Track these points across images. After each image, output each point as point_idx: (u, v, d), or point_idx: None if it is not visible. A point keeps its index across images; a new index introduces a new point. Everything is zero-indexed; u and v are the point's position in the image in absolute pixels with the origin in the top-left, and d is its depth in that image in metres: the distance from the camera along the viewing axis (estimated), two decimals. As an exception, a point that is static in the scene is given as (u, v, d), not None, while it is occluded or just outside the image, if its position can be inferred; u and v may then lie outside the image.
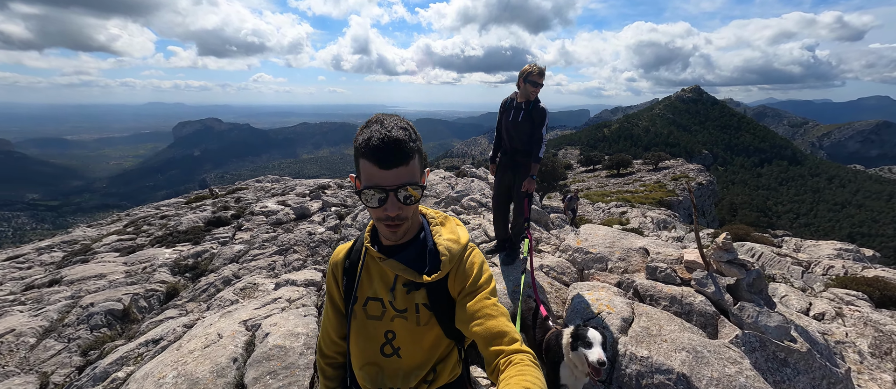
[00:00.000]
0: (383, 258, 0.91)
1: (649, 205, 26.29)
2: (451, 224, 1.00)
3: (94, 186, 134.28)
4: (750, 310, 1.97)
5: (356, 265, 0.97)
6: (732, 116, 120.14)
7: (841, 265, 8.11)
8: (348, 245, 1.05)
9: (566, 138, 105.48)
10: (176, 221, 9.81)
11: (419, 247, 0.92)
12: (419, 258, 0.91)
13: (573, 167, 52.13)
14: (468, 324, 0.86)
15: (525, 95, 2.49)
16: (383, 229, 0.87)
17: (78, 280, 5.97)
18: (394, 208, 0.80)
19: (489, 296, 0.89)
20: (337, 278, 1.03)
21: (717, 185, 68.51)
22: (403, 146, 0.77)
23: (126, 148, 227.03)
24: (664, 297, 2.24)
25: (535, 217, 5.73)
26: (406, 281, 0.91)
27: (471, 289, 0.90)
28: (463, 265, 0.92)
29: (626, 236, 3.21)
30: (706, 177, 38.06)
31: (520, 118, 2.52)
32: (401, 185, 0.78)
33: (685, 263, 2.37)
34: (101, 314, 4.64)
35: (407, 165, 0.78)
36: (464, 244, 0.95)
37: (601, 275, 2.79)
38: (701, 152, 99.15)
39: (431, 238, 0.94)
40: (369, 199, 0.79)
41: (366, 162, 0.77)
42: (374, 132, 0.76)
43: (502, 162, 2.76)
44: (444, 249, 0.91)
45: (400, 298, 0.92)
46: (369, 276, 0.96)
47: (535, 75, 2.40)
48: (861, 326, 4.88)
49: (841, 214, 79.74)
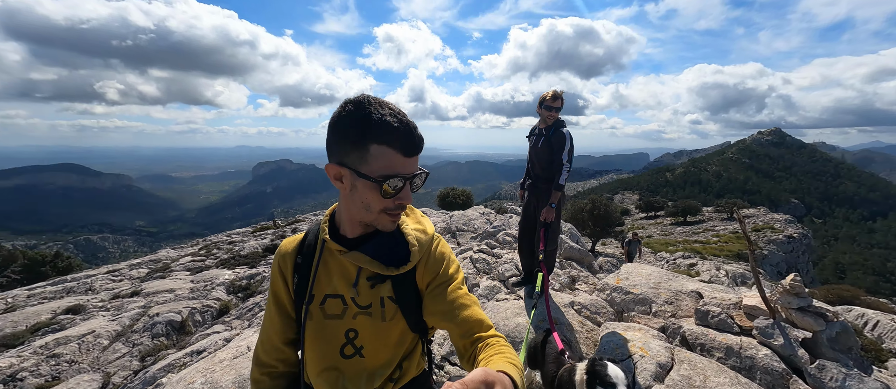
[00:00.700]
0: (345, 252, 0.84)
1: (725, 258, 23.07)
2: (416, 215, 0.95)
3: (185, 216, 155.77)
4: (833, 371, 1.55)
5: (310, 260, 0.88)
6: (827, 162, 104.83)
7: None
8: (297, 239, 0.93)
9: (623, 182, 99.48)
10: (240, 246, 10.86)
11: (384, 238, 0.86)
12: (384, 250, 0.85)
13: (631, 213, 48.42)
14: (442, 315, 0.82)
15: (544, 120, 2.47)
16: (385, 221, 0.80)
17: (152, 293, 6.76)
18: (409, 196, 0.77)
19: (461, 286, 0.87)
20: (286, 275, 0.91)
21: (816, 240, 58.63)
22: (419, 133, 0.74)
23: (214, 184, 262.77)
24: (718, 347, 1.87)
25: (577, 256, 5.34)
26: (371, 275, 0.85)
27: (442, 280, 0.86)
28: (432, 256, 0.88)
29: (676, 277, 2.82)
30: (797, 229, 32.70)
31: (540, 144, 2.47)
32: (418, 172, 0.77)
33: (744, 308, 1.99)
34: (163, 323, 5.15)
35: (420, 152, 0.76)
36: (431, 235, 0.91)
37: (643, 318, 2.45)
38: (789, 201, 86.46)
39: (399, 229, 0.88)
40: (390, 188, 0.73)
41: (388, 150, 0.71)
42: (390, 118, 0.70)
43: (528, 191, 2.69)
44: (412, 239, 0.87)
45: (364, 293, 0.85)
46: (328, 272, 0.87)
47: (548, 100, 2.37)
48: None
49: None
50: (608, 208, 25.04)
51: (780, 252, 26.66)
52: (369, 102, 0.71)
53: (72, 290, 7.78)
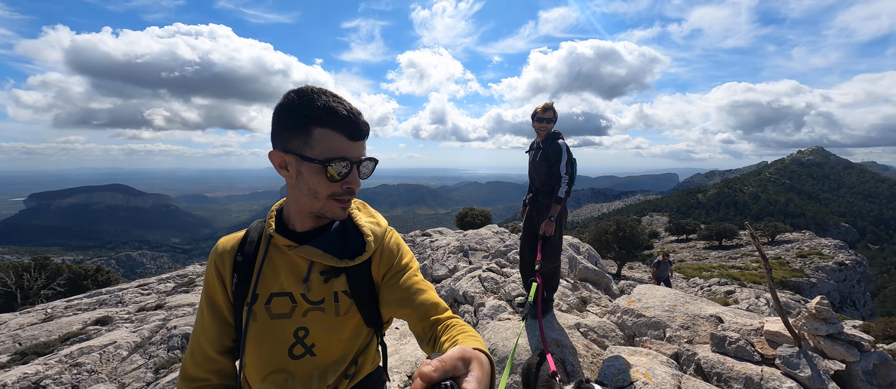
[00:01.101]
0: (294, 247, 0.81)
1: (766, 286, 21.32)
2: (368, 209, 0.95)
3: (217, 234, 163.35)
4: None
5: (252, 258, 0.84)
6: (880, 183, 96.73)
7: None
8: (237, 236, 0.88)
9: (651, 204, 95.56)
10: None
11: (337, 231, 0.85)
12: (337, 243, 0.83)
13: (660, 235, 46.14)
14: (400, 303, 0.82)
15: (539, 134, 2.44)
16: (334, 208, 0.78)
17: (174, 306, 7.01)
18: (357, 181, 0.77)
19: (416, 273, 0.87)
20: (224, 276, 0.84)
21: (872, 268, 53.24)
22: (365, 119, 0.76)
23: (245, 203, 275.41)
24: (736, 377, 1.68)
25: (593, 277, 5.09)
26: (324, 269, 0.82)
27: (397, 269, 0.86)
28: (387, 247, 0.88)
29: (694, 300, 2.61)
30: (850, 256, 29.86)
31: (538, 158, 2.43)
32: (364, 156, 0.78)
33: (766, 334, 1.78)
34: (180, 336, 5.29)
35: (366, 138, 0.78)
36: (385, 227, 0.91)
37: (655, 343, 2.26)
38: (838, 224, 79.65)
39: (352, 221, 0.88)
40: (335, 171, 0.73)
41: (330, 132, 0.72)
42: (334, 104, 0.72)
43: (528, 205, 2.62)
44: (367, 230, 0.86)
45: (316, 288, 0.82)
46: (274, 269, 0.83)
47: (539, 112, 2.35)
48: None
49: None
50: (634, 229, 24.00)
51: (831, 281, 24.29)
52: (312, 90, 0.73)
53: (104, 302, 8.21)
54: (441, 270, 5.83)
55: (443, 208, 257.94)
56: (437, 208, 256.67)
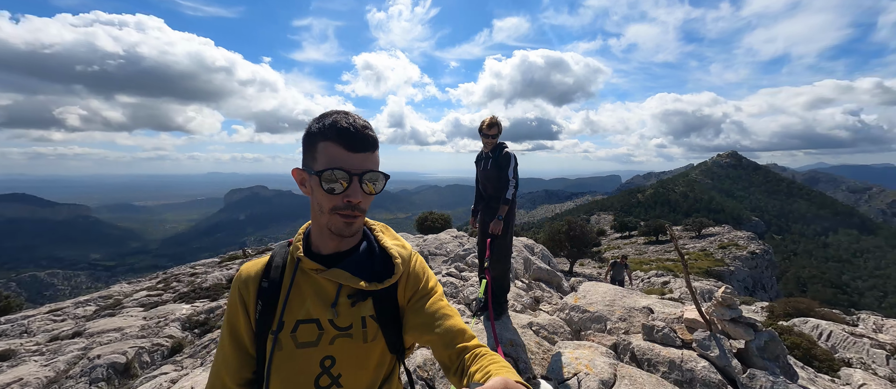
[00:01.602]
0: (322, 270, 0.79)
1: (695, 275, 23.91)
2: (391, 232, 0.94)
3: (148, 247, 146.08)
4: (762, 380, 1.62)
5: (278, 284, 0.81)
6: (780, 182, 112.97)
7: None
8: (262, 262, 0.86)
9: (598, 204, 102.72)
10: (202, 278, 10.25)
11: (363, 254, 0.83)
12: (363, 266, 0.82)
13: (607, 233, 49.71)
14: (425, 328, 0.80)
15: (485, 146, 2.61)
16: (337, 222, 0.76)
17: (97, 333, 6.19)
18: (357, 194, 0.74)
19: (441, 298, 0.86)
20: (248, 303, 0.82)
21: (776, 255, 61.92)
22: (370, 133, 0.75)
23: (182, 213, 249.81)
24: (662, 361, 1.92)
25: (545, 277, 5.39)
26: (352, 292, 0.80)
27: (423, 293, 0.85)
28: (413, 270, 0.87)
29: (630, 294, 2.90)
30: (760, 246, 34.50)
31: (489, 167, 2.58)
32: (366, 171, 0.74)
33: (685, 322, 2.06)
34: (104, 366, 4.69)
35: (373, 152, 0.76)
36: (410, 251, 0.90)
37: (598, 336, 2.48)
38: (750, 218, 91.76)
39: (378, 243, 0.87)
40: (330, 182, 0.72)
41: (330, 144, 0.72)
42: (339, 118, 0.73)
43: (481, 210, 2.74)
44: (395, 253, 0.85)
45: (344, 313, 0.80)
46: (300, 295, 0.81)
47: (484, 129, 2.55)
48: (973, 429, 3.80)
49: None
50: (584, 229, 25.66)
51: (745, 268, 27.93)
52: (329, 112, 0.76)
53: (4, 333, 7.01)
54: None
55: (403, 213, 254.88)
56: (398, 213, 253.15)
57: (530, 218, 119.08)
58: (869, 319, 9.50)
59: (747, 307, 11.61)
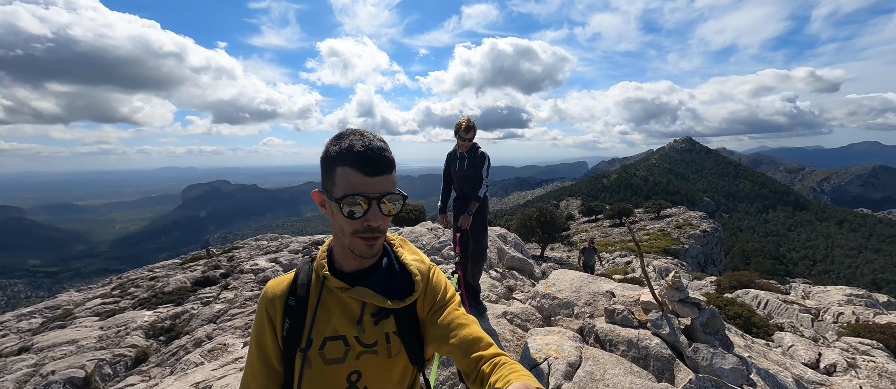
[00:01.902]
0: (347, 288, 0.81)
1: (654, 253, 25.70)
2: (409, 246, 0.95)
3: (96, 250, 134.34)
4: (704, 352, 1.87)
5: (304, 302, 0.83)
6: (728, 164, 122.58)
7: (851, 312, 7.67)
8: (286, 279, 0.88)
9: (566, 190, 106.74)
10: (164, 282, 9.69)
11: (385, 271, 0.85)
12: (386, 283, 0.84)
13: (575, 218, 51.96)
14: (443, 339, 0.81)
15: (462, 147, 2.69)
16: (359, 245, 0.78)
17: (48, 347, 5.75)
18: (377, 217, 0.75)
19: (457, 308, 0.86)
20: (275, 321, 0.84)
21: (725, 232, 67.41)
22: (387, 154, 0.75)
23: (134, 212, 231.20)
24: (622, 341, 2.14)
25: (518, 265, 5.63)
26: (375, 310, 0.83)
27: (441, 304, 0.86)
28: (431, 284, 0.89)
29: (595, 280, 3.14)
30: (710, 224, 37.55)
31: (465, 166, 2.67)
32: (385, 194, 0.75)
33: (642, 304, 2.30)
34: (61, 382, 4.40)
35: (390, 174, 0.76)
36: (428, 264, 0.92)
37: (566, 321, 2.68)
38: (702, 199, 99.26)
39: (398, 260, 0.88)
40: (350, 208, 0.73)
41: (348, 169, 0.73)
42: (355, 141, 0.73)
43: (456, 207, 2.83)
44: (414, 269, 0.87)
45: (368, 330, 0.82)
46: (327, 312, 0.83)
47: (461, 131, 2.63)
48: (876, 378, 4.49)
49: (859, 259, 77.03)
50: (553, 214, 26.69)
51: (698, 245, 30.42)
52: (344, 132, 0.77)
53: (-69, 355, 6.31)
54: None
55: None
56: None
57: (503, 205, 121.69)
58: (798, 287, 10.76)
59: (699, 283, 12.72)
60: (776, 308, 8.30)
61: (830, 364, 5.00)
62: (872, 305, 8.62)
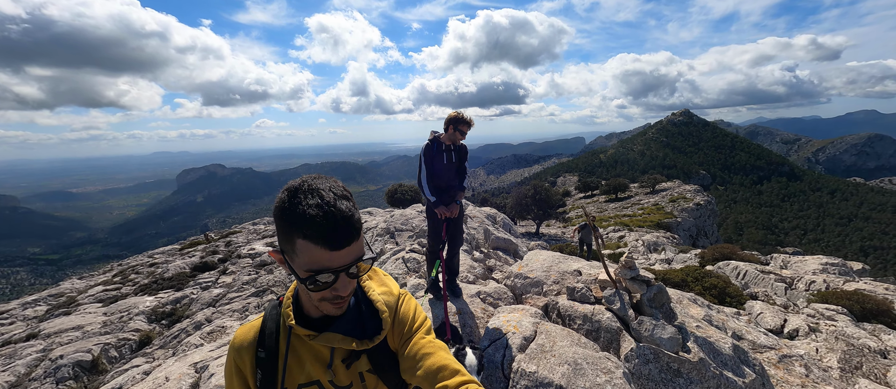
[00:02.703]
0: (314, 336, 0.79)
1: (647, 228, 26.22)
2: (378, 276, 0.93)
3: (95, 237, 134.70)
4: (647, 324, 2.07)
5: (274, 352, 0.81)
6: (725, 137, 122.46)
7: (822, 280, 8.05)
8: (254, 328, 0.85)
9: (564, 166, 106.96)
10: (163, 268, 9.93)
11: (353, 311, 0.84)
12: (354, 324, 0.83)
13: (571, 194, 52.41)
14: (411, 371, 0.80)
15: (452, 139, 2.76)
16: (328, 307, 0.76)
17: (54, 333, 6.01)
18: (346, 286, 0.72)
19: (424, 336, 0.84)
20: (246, 373, 0.82)
21: (719, 205, 68.34)
22: (352, 221, 0.68)
23: (130, 198, 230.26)
24: (579, 316, 2.34)
25: (503, 246, 5.85)
26: (345, 354, 0.82)
27: (408, 336, 0.84)
28: (399, 317, 0.87)
29: (565, 259, 3.34)
30: (704, 197, 38.07)
31: (454, 159, 2.78)
32: (352, 262, 0.70)
33: (599, 282, 2.49)
34: (69, 366, 4.66)
35: (358, 239, 0.70)
36: (397, 295, 0.90)
37: (534, 298, 2.89)
38: (698, 172, 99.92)
39: (365, 297, 0.86)
40: (318, 282, 0.69)
41: (310, 245, 0.66)
42: (313, 207, 0.65)
43: (443, 200, 2.92)
44: (381, 305, 0.85)
45: (340, 373, 0.82)
46: (298, 360, 0.81)
47: (464, 126, 2.70)
48: (833, 341, 4.83)
49: (849, 228, 78.73)
50: (549, 192, 26.91)
51: (691, 218, 31.00)
52: (299, 191, 0.68)
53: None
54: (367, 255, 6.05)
55: (373, 184, 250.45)
56: (368, 185, 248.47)
57: (500, 183, 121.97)
58: (778, 258, 11.16)
59: (684, 256, 13.12)
60: (753, 278, 8.68)
61: (794, 328, 5.35)
62: (845, 273, 9.02)
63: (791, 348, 4.39)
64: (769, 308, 6.00)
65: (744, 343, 3.39)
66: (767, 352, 3.39)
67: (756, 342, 3.48)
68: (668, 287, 6.80)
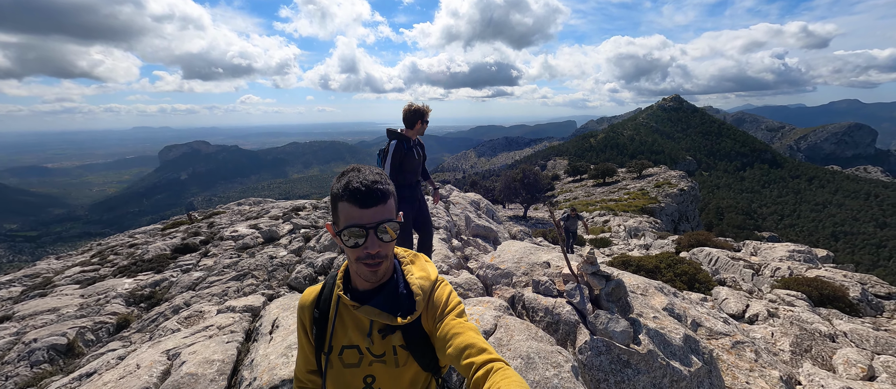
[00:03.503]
0: (357, 306, 0.93)
1: (632, 213, 26.86)
2: (420, 262, 1.04)
3: (75, 213, 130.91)
4: (603, 317, 2.16)
5: (326, 314, 0.99)
6: (713, 123, 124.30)
7: (787, 267, 8.45)
8: (316, 290, 1.05)
9: (554, 149, 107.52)
10: (143, 249, 9.77)
11: (392, 289, 0.95)
12: (393, 301, 0.94)
13: (561, 178, 52.98)
14: (443, 350, 0.88)
15: (419, 132, 2.77)
16: (363, 270, 0.89)
17: (29, 316, 5.93)
18: (375, 245, 0.85)
19: (455, 317, 0.92)
20: (306, 326, 1.03)
21: (703, 190, 69.73)
22: (379, 186, 0.85)
23: (110, 174, 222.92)
24: (541, 308, 2.43)
25: (483, 233, 5.93)
26: (382, 326, 0.94)
27: (440, 317, 0.93)
28: (432, 300, 0.97)
29: (536, 250, 3.42)
30: (688, 183, 38.99)
31: (422, 153, 2.81)
32: (380, 222, 0.85)
33: (563, 276, 2.57)
34: (44, 349, 4.63)
35: (384, 204, 0.85)
36: (433, 280, 1.00)
37: (502, 290, 2.97)
38: (685, 158, 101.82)
39: (403, 279, 0.98)
40: (349, 238, 0.85)
41: (345, 204, 0.84)
42: (352, 178, 0.85)
43: (416, 192, 2.95)
44: (417, 288, 0.95)
45: (377, 343, 0.95)
46: (343, 324, 0.97)
47: (428, 116, 2.70)
48: (788, 325, 5.13)
49: (823, 213, 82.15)
50: (537, 176, 27.11)
51: (674, 204, 31.84)
52: (346, 170, 0.89)
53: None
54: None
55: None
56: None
57: (491, 165, 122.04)
58: (750, 245, 11.62)
59: (662, 242, 13.55)
60: (724, 265, 9.06)
61: (754, 313, 5.65)
62: (809, 260, 9.47)
63: (747, 333, 4.64)
64: (734, 294, 6.30)
65: (702, 330, 3.57)
66: (722, 339, 3.59)
67: (714, 329, 3.68)
68: (641, 274, 7.03)
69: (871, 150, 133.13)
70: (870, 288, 7.68)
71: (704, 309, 4.53)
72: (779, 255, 9.75)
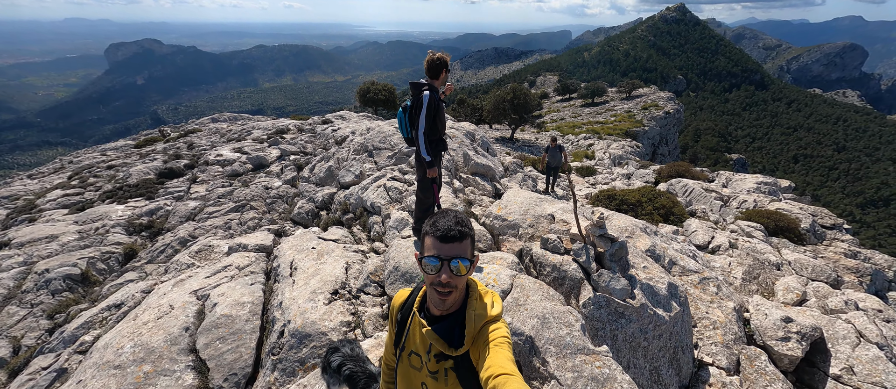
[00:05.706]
0: (425, 327, 1.08)
1: (616, 136, 27.19)
2: (488, 298, 1.13)
3: (26, 119, 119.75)
4: (605, 276, 2.45)
5: (406, 320, 1.18)
6: (711, 39, 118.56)
7: (752, 199, 9.23)
8: (405, 295, 1.24)
9: (545, 63, 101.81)
10: (125, 172, 9.43)
11: (453, 321, 1.08)
12: (452, 331, 1.07)
13: (549, 96, 51.41)
14: (478, 376, 1.01)
15: (443, 82, 2.61)
16: (435, 297, 1.05)
17: (28, 243, 5.95)
18: (446, 275, 1.00)
19: (492, 348, 1.00)
20: (393, 323, 1.26)
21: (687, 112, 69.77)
22: (460, 228, 1.01)
23: (53, 75, 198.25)
24: (549, 264, 2.69)
25: (482, 171, 6.02)
26: (437, 352, 1.08)
27: (483, 351, 1.01)
28: (480, 337, 1.05)
29: (540, 202, 3.59)
30: (674, 105, 38.93)
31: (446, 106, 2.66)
32: (453, 257, 1.00)
33: (570, 236, 2.79)
34: (59, 279, 4.81)
35: (461, 242, 1.01)
36: (488, 318, 1.07)
37: (510, 242, 3.21)
38: (676, 77, 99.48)
39: (464, 314, 1.09)
40: (426, 265, 1.02)
41: (430, 238, 1.02)
42: (439, 219, 1.02)
43: (436, 160, 2.83)
44: (471, 326, 1.06)
45: (432, 362, 1.10)
46: (414, 335, 1.15)
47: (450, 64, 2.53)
48: (744, 256, 5.86)
49: (791, 137, 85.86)
50: (527, 96, 26.24)
51: (657, 127, 32.28)
52: (440, 214, 1.06)
53: None
54: (348, 176, 6.03)
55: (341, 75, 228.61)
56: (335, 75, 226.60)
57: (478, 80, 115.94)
58: (723, 176, 12.38)
59: (644, 172, 14.15)
60: (697, 196, 9.79)
61: (717, 244, 6.36)
62: (773, 192, 10.31)
63: (709, 263, 5.32)
64: (702, 225, 6.98)
65: (676, 268, 4.09)
66: (692, 276, 4.14)
67: (686, 267, 4.21)
68: (625, 209, 7.47)
69: (856, 73, 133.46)
70: (819, 220, 8.64)
71: (678, 245, 5.06)
72: (747, 187, 10.52)
